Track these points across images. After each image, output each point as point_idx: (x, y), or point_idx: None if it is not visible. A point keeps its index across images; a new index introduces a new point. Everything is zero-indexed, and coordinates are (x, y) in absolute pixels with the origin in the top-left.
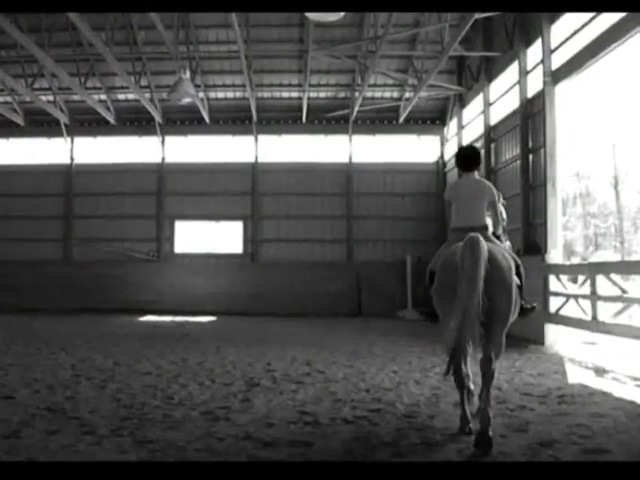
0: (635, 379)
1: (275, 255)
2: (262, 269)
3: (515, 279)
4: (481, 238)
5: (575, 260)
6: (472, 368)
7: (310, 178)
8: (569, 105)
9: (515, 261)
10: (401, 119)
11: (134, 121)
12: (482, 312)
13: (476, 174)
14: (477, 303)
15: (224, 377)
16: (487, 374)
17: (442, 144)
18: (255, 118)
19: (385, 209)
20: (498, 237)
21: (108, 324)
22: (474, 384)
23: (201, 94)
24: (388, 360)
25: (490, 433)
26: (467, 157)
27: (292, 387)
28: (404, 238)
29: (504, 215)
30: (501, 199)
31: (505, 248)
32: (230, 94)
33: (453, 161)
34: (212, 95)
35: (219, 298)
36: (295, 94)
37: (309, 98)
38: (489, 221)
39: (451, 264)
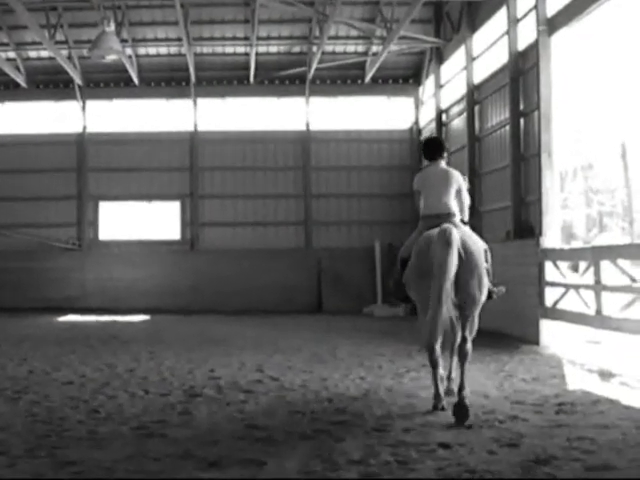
0: None
1: (219, 241)
2: (204, 258)
3: (484, 263)
4: (453, 229)
5: (576, 244)
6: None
7: (260, 149)
8: (567, 59)
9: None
10: (368, 78)
11: (49, 83)
12: (456, 297)
13: (442, 163)
14: (450, 293)
15: (160, 386)
16: (462, 353)
17: (417, 107)
18: (193, 78)
19: (350, 185)
20: (465, 223)
21: (21, 326)
22: (443, 368)
23: (128, 50)
24: (354, 364)
25: (467, 403)
26: (432, 147)
27: (240, 397)
28: (373, 220)
29: (468, 202)
30: (466, 183)
31: (473, 233)
32: (163, 50)
33: (431, 127)
34: (142, 51)
35: (153, 293)
36: (241, 49)
37: (258, 54)
38: (456, 208)
39: (426, 252)
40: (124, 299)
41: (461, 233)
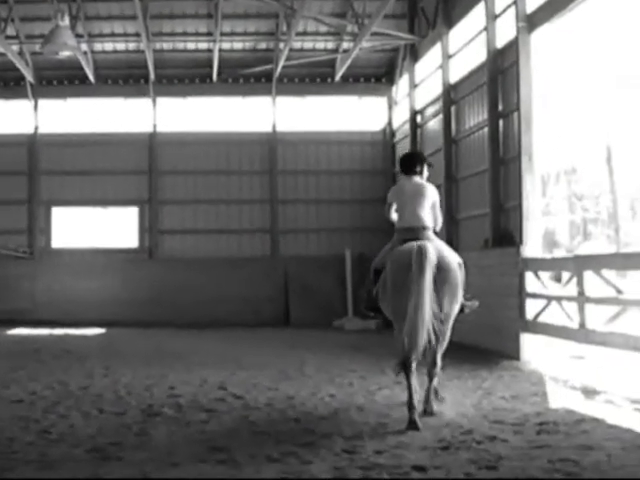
0: (633, 401)
1: (180, 250)
2: (163, 267)
3: (458, 278)
4: (429, 245)
5: (558, 253)
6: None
7: (224, 152)
8: (548, 58)
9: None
10: (338, 76)
11: None
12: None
13: (418, 178)
14: (429, 312)
15: (115, 405)
16: (433, 368)
17: (390, 107)
18: (153, 76)
19: (319, 190)
20: (436, 234)
21: None
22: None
23: (84, 46)
24: (323, 381)
25: (435, 407)
26: (411, 161)
27: (201, 416)
28: (343, 227)
29: (440, 218)
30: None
31: (447, 247)
32: (121, 46)
33: (405, 128)
34: (98, 47)
35: (109, 305)
36: (204, 45)
37: (221, 50)
38: (431, 221)
39: (402, 267)
40: (78, 311)
41: (436, 248)
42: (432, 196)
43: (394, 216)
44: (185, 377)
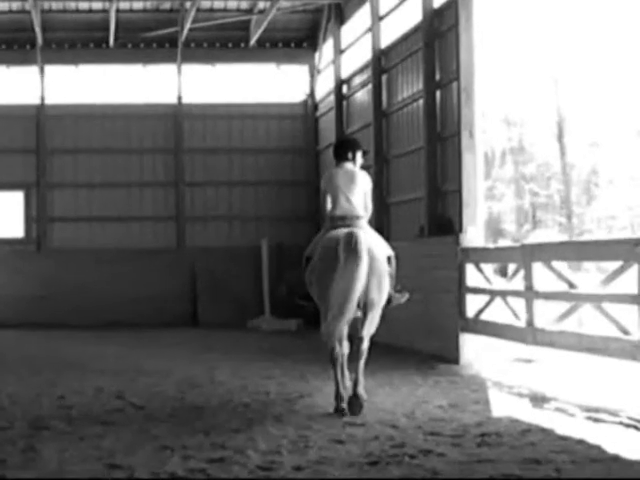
0: (587, 409)
1: (72, 240)
2: (54, 260)
3: (387, 268)
4: (360, 232)
5: (504, 242)
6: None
7: (122, 127)
8: (492, 20)
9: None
10: (253, 41)
11: None
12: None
13: (350, 165)
14: (355, 298)
15: None
16: (360, 351)
17: (313, 76)
18: (40, 41)
19: (231, 172)
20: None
21: None
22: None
23: None
24: (236, 389)
25: (363, 395)
26: (342, 148)
27: (97, 430)
28: (259, 214)
29: (371, 206)
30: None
31: (377, 235)
32: (3, 5)
33: (330, 100)
34: None
35: None
36: (98, 5)
37: (119, 11)
38: (363, 209)
39: (330, 253)
40: None
41: (367, 236)
42: (364, 184)
43: (327, 205)
44: (78, 385)
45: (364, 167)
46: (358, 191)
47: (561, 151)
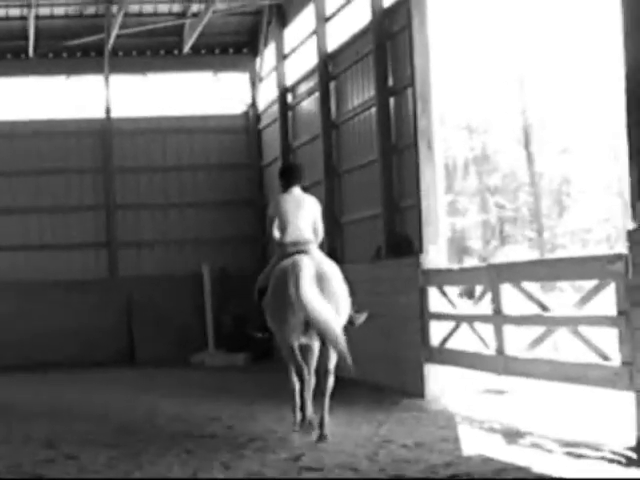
0: (566, 444)
1: None
2: None
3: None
4: (305, 259)
5: (469, 262)
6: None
7: (44, 145)
8: (448, 19)
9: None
10: (187, 47)
11: None
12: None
13: (298, 190)
14: (303, 323)
15: None
16: (325, 383)
17: (254, 85)
18: None
19: (167, 192)
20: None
21: None
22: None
23: None
24: (179, 434)
25: (329, 437)
26: (288, 174)
27: None
28: (199, 237)
29: (322, 231)
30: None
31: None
32: None
33: (274, 111)
34: None
35: None
36: (15, 12)
37: (39, 17)
38: (313, 235)
39: (282, 284)
40: None
41: (317, 261)
42: (313, 209)
43: (276, 233)
44: (4, 432)
45: (314, 182)
46: (307, 216)
47: (528, 159)
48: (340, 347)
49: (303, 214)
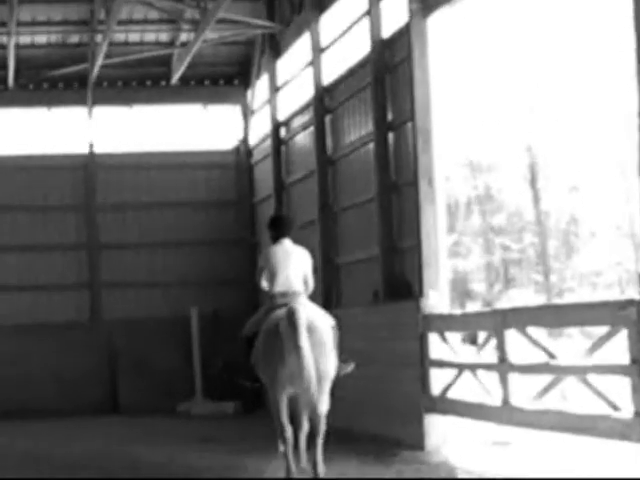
0: None
1: None
2: None
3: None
4: (300, 308)
5: (472, 306)
6: None
7: (25, 181)
8: (450, 51)
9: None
10: (176, 78)
11: None
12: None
13: (288, 241)
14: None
15: None
16: (317, 429)
17: (246, 118)
18: None
19: (153, 231)
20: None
21: None
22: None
23: None
24: None
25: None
26: (279, 224)
27: None
28: (187, 279)
29: (312, 282)
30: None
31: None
32: None
33: (266, 145)
34: None
35: None
36: None
37: (19, 46)
38: (303, 286)
39: (274, 334)
40: None
41: (307, 311)
42: (303, 261)
43: (264, 284)
44: None
45: (308, 221)
46: (297, 267)
47: (535, 198)
48: (312, 398)
49: (293, 265)
